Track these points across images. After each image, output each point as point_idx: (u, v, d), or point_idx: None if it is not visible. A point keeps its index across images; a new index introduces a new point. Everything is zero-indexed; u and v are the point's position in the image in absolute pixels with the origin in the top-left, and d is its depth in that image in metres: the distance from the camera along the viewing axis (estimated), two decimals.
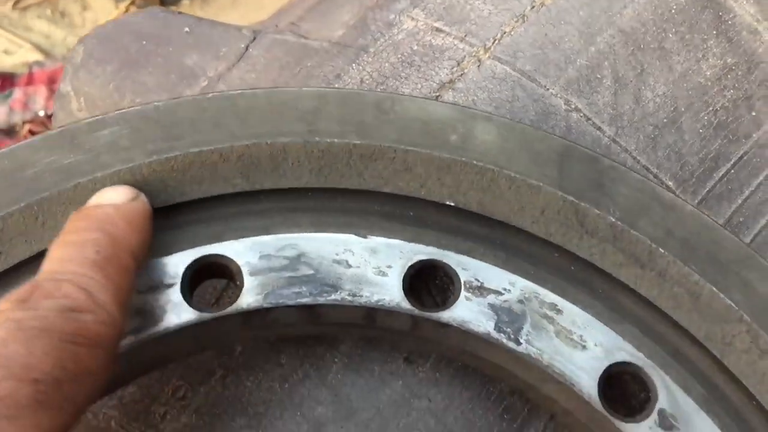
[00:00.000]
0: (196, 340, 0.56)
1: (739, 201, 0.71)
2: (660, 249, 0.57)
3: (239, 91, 0.58)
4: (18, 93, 1.78)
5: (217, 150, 0.56)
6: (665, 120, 0.72)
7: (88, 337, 0.43)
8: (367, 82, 0.78)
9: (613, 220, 0.58)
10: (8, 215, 0.53)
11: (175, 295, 0.54)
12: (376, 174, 0.58)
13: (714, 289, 0.56)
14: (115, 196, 0.51)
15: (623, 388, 0.58)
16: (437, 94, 0.75)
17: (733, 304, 0.56)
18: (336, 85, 0.77)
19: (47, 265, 0.47)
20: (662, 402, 0.55)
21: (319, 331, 0.60)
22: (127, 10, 1.94)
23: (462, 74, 0.76)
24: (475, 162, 0.58)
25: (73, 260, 0.46)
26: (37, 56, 1.92)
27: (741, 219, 0.71)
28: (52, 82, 1.80)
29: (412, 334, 0.58)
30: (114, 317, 0.45)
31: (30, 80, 1.82)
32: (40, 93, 1.79)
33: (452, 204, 0.59)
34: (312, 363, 0.62)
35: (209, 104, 0.57)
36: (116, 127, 0.55)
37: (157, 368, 0.59)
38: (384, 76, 0.78)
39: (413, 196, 0.59)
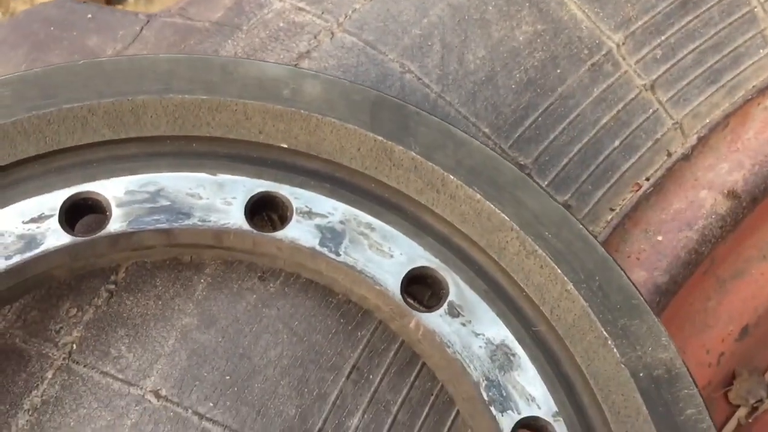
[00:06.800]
0: (77, 261, 0.69)
1: (545, 143, 0.85)
2: (450, 176, 0.71)
3: (106, 58, 0.70)
4: None
5: (86, 106, 0.68)
6: (483, 78, 0.86)
7: None
8: (240, 54, 0.91)
9: (414, 154, 0.71)
10: None
11: (54, 224, 0.67)
12: (222, 123, 0.71)
13: (492, 206, 0.70)
14: None
15: (431, 288, 0.72)
16: (296, 62, 0.88)
17: (506, 217, 0.70)
18: None
19: None
20: (452, 296, 0.69)
21: (180, 252, 0.73)
22: None
23: (317, 45, 0.89)
24: (303, 111, 0.72)
25: None
26: None
27: (547, 158, 0.85)
28: None
29: (255, 252, 0.71)
30: None
31: None
32: None
33: (285, 146, 0.72)
34: (182, 284, 0.75)
35: (80, 69, 0.70)
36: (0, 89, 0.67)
37: (43, 286, 0.71)
38: (254, 49, 0.91)
39: (253, 141, 0.72)
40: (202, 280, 0.75)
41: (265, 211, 0.74)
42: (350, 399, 0.73)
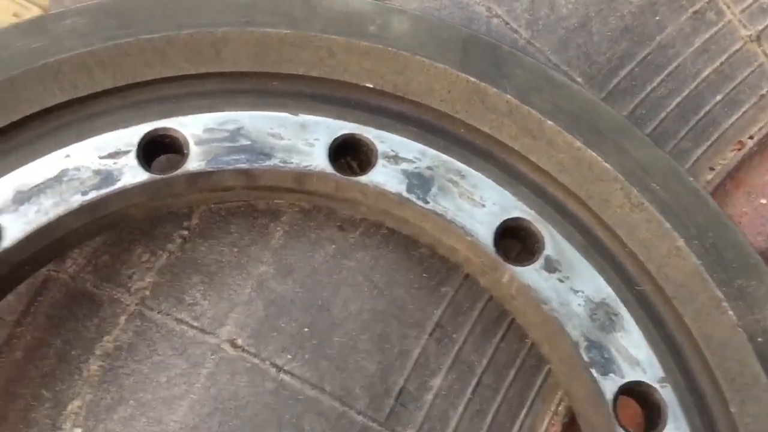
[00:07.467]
0: (153, 200, 0.65)
1: (642, 95, 0.79)
2: (548, 121, 0.66)
3: None
4: None
5: (164, 37, 0.65)
6: (576, 24, 0.80)
7: None
8: None
9: (509, 97, 0.66)
10: None
11: (131, 160, 0.63)
12: (305, 60, 0.67)
13: (594, 154, 0.65)
14: None
15: (522, 242, 0.67)
16: None
17: (609, 167, 0.64)
18: None
19: None
20: (548, 250, 0.64)
21: (258, 196, 0.69)
22: None
23: None
24: (390, 48, 0.67)
25: None
26: None
27: (643, 111, 0.79)
28: None
29: (337, 197, 0.67)
30: None
31: None
32: None
33: (371, 86, 0.68)
34: (258, 231, 0.72)
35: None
36: (77, 17, 0.64)
37: (119, 226, 0.68)
38: None
39: (338, 79, 0.68)
40: (278, 228, 0.72)
41: (346, 157, 0.70)
42: (433, 358, 0.69)
